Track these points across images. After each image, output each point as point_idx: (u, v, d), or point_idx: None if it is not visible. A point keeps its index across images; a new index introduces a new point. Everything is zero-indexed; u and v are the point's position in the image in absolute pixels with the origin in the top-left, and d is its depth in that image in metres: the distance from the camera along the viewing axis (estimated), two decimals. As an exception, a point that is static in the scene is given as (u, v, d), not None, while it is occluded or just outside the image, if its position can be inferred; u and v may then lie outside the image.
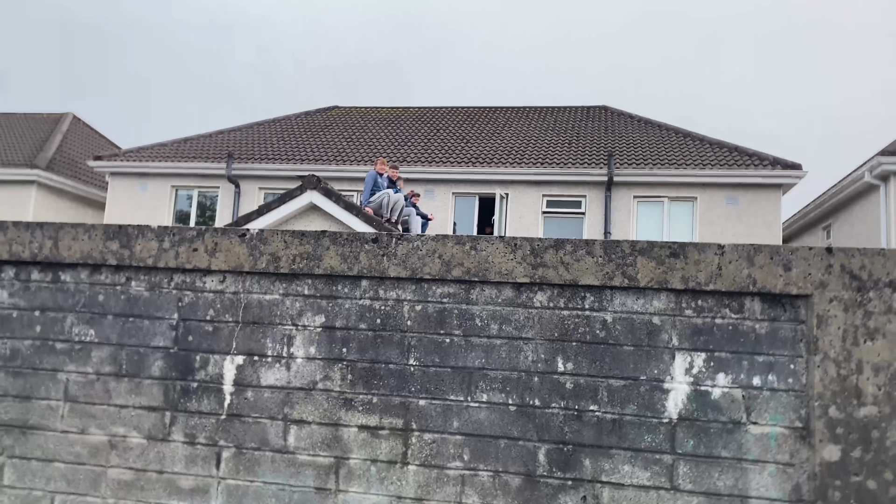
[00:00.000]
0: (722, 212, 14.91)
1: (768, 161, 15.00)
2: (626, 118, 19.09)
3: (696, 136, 16.99)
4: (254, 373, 2.38)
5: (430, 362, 2.31)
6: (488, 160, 16.39)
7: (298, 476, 2.30)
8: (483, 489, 2.20)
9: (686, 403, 2.14)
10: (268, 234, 2.44)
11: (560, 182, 15.77)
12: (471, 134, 18.42)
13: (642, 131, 17.81)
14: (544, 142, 17.46)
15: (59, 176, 18.88)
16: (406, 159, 16.63)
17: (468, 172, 16.07)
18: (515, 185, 15.93)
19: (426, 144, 17.84)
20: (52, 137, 20.48)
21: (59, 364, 2.51)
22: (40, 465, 2.47)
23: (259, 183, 17.13)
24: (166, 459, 2.39)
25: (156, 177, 17.57)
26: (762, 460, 2.08)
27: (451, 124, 19.42)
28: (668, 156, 15.81)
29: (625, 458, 2.15)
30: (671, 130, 17.67)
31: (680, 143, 16.62)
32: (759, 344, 2.13)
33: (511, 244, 2.30)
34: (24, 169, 18.22)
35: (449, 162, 16.45)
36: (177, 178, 17.51)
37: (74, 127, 22.41)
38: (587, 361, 2.22)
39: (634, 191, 15.47)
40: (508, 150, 17.01)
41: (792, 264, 2.12)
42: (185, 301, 2.47)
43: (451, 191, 16.40)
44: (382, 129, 19.33)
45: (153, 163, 17.43)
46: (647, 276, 2.19)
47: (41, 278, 2.58)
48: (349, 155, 17.36)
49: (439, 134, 18.65)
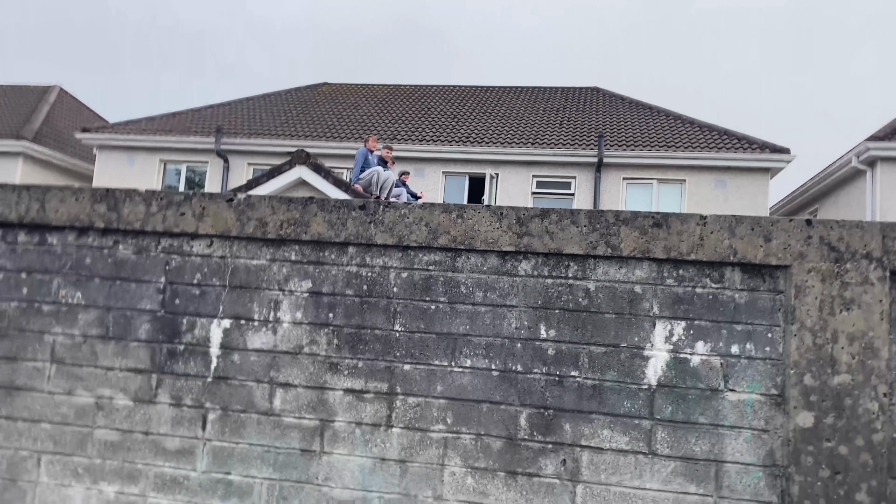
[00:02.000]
0: (710, 194, 14.98)
1: (757, 145, 15.06)
2: (617, 100, 19.08)
3: (686, 118, 17.02)
4: (240, 336, 2.40)
5: (416, 328, 2.33)
6: (479, 140, 16.36)
7: (284, 438, 2.33)
8: (465, 452, 2.25)
9: (665, 370, 2.19)
10: (255, 199, 2.45)
11: (550, 163, 15.77)
12: (462, 113, 18.37)
13: (633, 113, 17.81)
14: (535, 122, 17.44)
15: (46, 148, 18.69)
16: (396, 137, 16.57)
17: (459, 152, 16.04)
18: (506, 166, 15.92)
19: (417, 123, 17.78)
20: (38, 109, 20.24)
21: (45, 326, 2.53)
22: (27, 425, 2.49)
23: (248, 158, 17.03)
24: (152, 421, 2.42)
25: (144, 150, 17.42)
26: (738, 426, 2.13)
27: (441, 103, 19.35)
28: (657, 138, 15.84)
29: (604, 423, 2.20)
30: (661, 113, 17.69)
31: (670, 126, 16.65)
32: (738, 313, 2.18)
33: (497, 213, 2.32)
34: (10, 140, 18.02)
35: (439, 141, 16.41)
36: (165, 153, 17.38)
37: (61, 99, 22.14)
38: (569, 329, 2.26)
39: (624, 172, 15.50)
40: (499, 129, 16.99)
41: (772, 235, 2.16)
42: (172, 265, 2.48)
43: (441, 170, 16.37)
44: (372, 106, 19.22)
45: (141, 136, 17.27)
46: (630, 245, 2.23)
47: (28, 240, 2.58)
48: (339, 132, 17.27)
49: (430, 113, 18.58)
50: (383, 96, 20.17)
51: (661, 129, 16.41)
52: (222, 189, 16.49)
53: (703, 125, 16.53)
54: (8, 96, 21.39)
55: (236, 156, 16.99)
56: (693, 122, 16.79)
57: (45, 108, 20.44)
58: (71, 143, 19.88)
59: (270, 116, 18.45)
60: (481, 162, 16.02)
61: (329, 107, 19.18)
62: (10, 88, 22.22)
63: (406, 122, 17.84)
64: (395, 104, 19.40)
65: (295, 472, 2.31)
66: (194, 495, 2.35)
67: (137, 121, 18.23)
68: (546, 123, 17.33)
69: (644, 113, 17.80)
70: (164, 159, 17.45)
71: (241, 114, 18.69)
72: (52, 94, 21.70)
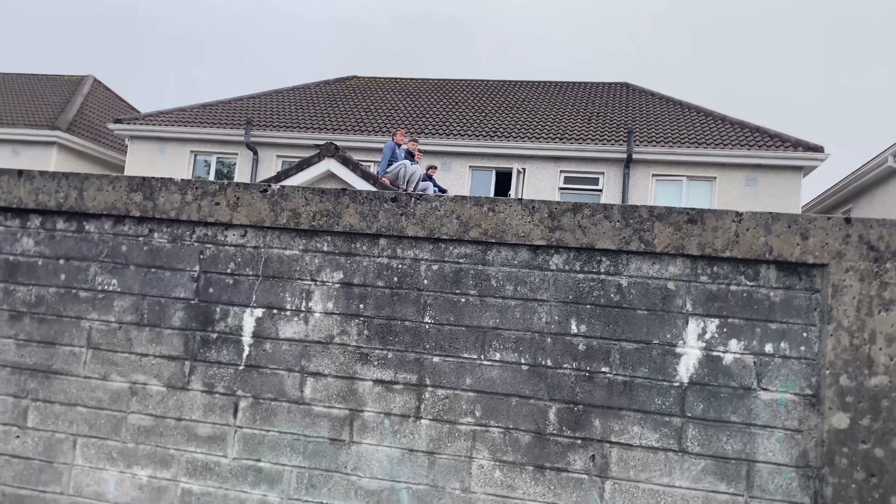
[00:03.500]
0: (740, 193, 14.78)
1: (790, 142, 14.83)
2: (647, 95, 18.89)
3: (718, 115, 16.80)
4: (272, 325, 2.43)
5: (445, 321, 2.34)
6: (506, 134, 16.31)
7: (314, 427, 2.35)
8: (494, 445, 2.25)
9: (697, 368, 2.17)
10: (289, 190, 2.47)
11: (578, 158, 15.68)
12: (489, 107, 18.32)
13: (663, 109, 17.63)
14: (563, 117, 17.33)
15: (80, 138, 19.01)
16: (423, 131, 16.58)
17: (486, 146, 16.00)
18: (533, 160, 15.86)
19: (444, 117, 17.77)
20: (73, 99, 20.58)
21: (82, 312, 2.57)
22: (63, 408, 2.54)
23: (277, 150, 17.17)
24: (185, 407, 2.45)
25: (175, 141, 17.64)
26: (771, 426, 2.10)
27: (469, 97, 19.31)
28: (688, 134, 15.66)
29: (634, 420, 2.18)
30: (692, 109, 17.48)
31: (701, 122, 16.45)
32: (773, 311, 2.15)
33: (529, 206, 2.31)
34: (45, 130, 18.36)
35: (466, 135, 16.39)
36: (195, 144, 17.58)
37: (95, 90, 22.50)
38: (601, 324, 2.25)
39: (653, 169, 15.36)
40: (527, 124, 16.91)
41: (809, 233, 2.12)
42: (206, 254, 2.51)
43: (468, 164, 16.36)
44: (400, 100, 19.25)
45: (172, 127, 17.49)
46: (663, 241, 2.21)
47: (66, 227, 2.63)
48: (367, 125, 17.33)
49: (458, 107, 18.56)
50: (411, 90, 20.18)
51: (692, 126, 16.22)
52: (251, 181, 16.64)
53: (734, 122, 16.31)
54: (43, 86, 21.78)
55: (265, 148, 17.14)
56: (724, 118, 16.57)
57: (78, 98, 20.79)
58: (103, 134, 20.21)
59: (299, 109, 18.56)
60: (508, 157, 15.98)
61: (357, 100, 19.25)
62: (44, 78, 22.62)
63: (433, 116, 17.84)
64: (422, 98, 19.41)
65: (324, 461, 2.34)
66: (225, 481, 2.39)
67: (168, 111, 18.46)
68: (574, 118, 17.22)
69: (674, 109, 17.60)
70: (194, 150, 17.65)
71: (270, 106, 18.84)
72: (86, 84, 22.05)
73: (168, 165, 17.42)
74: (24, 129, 18.47)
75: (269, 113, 18.27)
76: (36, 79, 22.50)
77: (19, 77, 22.63)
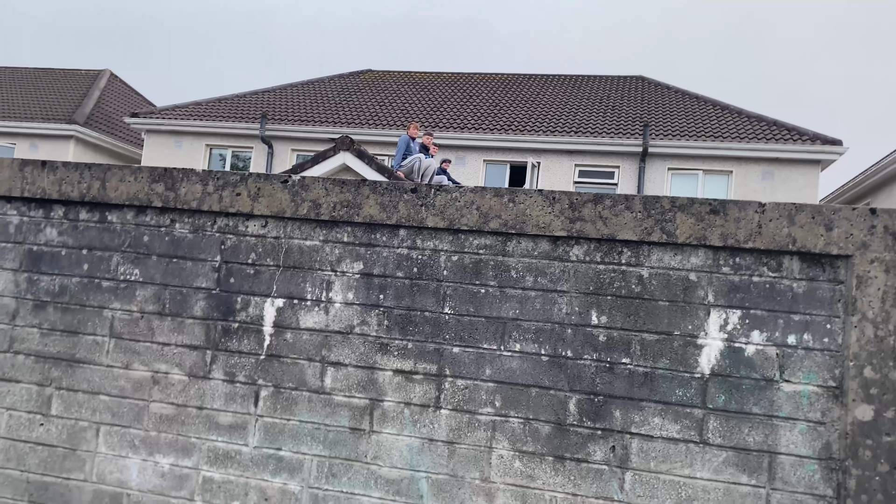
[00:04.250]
0: (757, 186, 14.67)
1: (808, 136, 14.68)
2: (662, 89, 18.77)
3: (734, 108, 16.66)
4: (293, 315, 2.44)
5: (465, 311, 2.34)
6: (521, 128, 16.26)
7: (334, 416, 2.37)
8: (513, 435, 2.25)
9: (719, 359, 2.16)
10: (309, 181, 2.48)
11: (593, 152, 15.61)
12: (504, 101, 18.27)
13: (679, 102, 17.51)
14: (579, 111, 17.26)
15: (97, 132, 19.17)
16: (438, 125, 16.57)
17: (500, 140, 15.97)
18: (548, 154, 15.81)
19: (459, 111, 17.74)
20: (90, 93, 20.75)
21: (104, 301, 2.60)
22: (86, 397, 2.57)
23: (292, 144, 17.22)
24: (206, 396, 2.47)
25: (190, 135, 17.74)
26: (793, 418, 2.09)
27: (484, 91, 19.27)
28: (704, 128, 15.54)
29: (655, 411, 2.18)
30: (708, 102, 17.35)
31: (717, 116, 16.32)
32: (796, 303, 2.13)
33: (549, 197, 2.31)
34: (63, 124, 18.53)
35: (481, 129, 16.36)
36: (211, 137, 17.67)
37: (112, 84, 22.66)
38: (621, 315, 2.24)
39: (669, 163, 15.27)
40: (542, 118, 16.86)
41: (834, 224, 2.11)
42: (227, 244, 2.53)
43: (483, 158, 16.33)
44: (415, 93, 19.24)
45: (188, 121, 17.58)
46: (685, 232, 2.19)
47: (89, 218, 2.66)
48: (381, 119, 17.34)
49: (472, 100, 18.53)
50: (426, 84, 20.16)
51: (708, 119, 16.10)
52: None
53: (751, 115, 16.17)
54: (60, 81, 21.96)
55: (280, 142, 17.19)
56: (741, 112, 16.43)
57: (95, 92, 20.94)
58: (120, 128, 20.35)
59: (314, 103, 18.60)
60: (523, 150, 15.94)
61: (372, 94, 19.26)
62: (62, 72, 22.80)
63: (448, 110, 17.82)
64: (437, 92, 19.39)
65: (344, 450, 2.35)
66: (246, 469, 2.41)
67: (184, 105, 18.55)
68: (589, 112, 17.14)
69: (691, 102, 17.48)
70: (209, 144, 17.74)
71: (285, 100, 18.89)
72: (103, 78, 22.21)
73: (184, 159, 17.52)
74: (42, 123, 18.64)
75: (283, 107, 18.33)
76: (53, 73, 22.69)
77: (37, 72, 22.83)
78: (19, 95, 20.60)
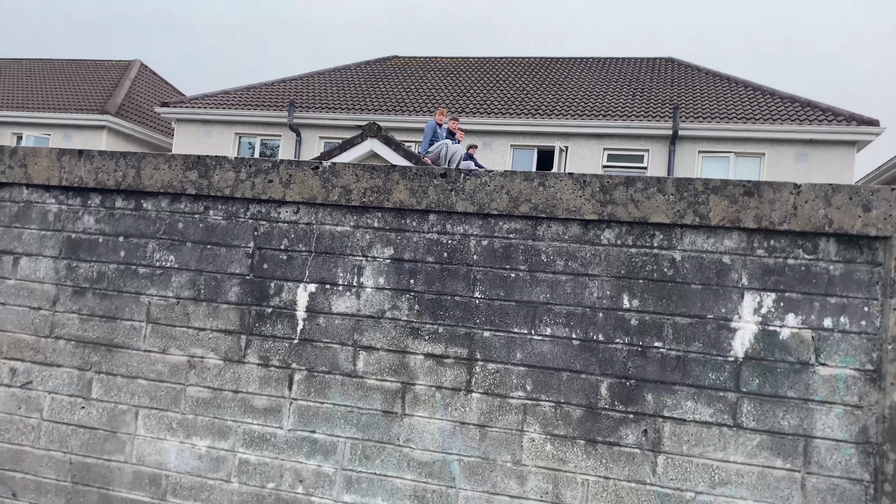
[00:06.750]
0: (790, 169, 14.40)
1: (843, 117, 14.36)
2: (692, 70, 18.47)
3: (767, 89, 16.34)
4: (325, 300, 2.47)
5: (495, 296, 2.35)
6: (548, 112, 16.14)
7: (366, 399, 2.39)
8: (545, 419, 2.26)
9: (753, 343, 2.14)
10: (340, 167, 2.49)
11: (622, 135, 15.44)
12: (531, 85, 18.13)
13: (709, 84, 17.22)
14: (607, 94, 17.07)
15: (128, 122, 19.44)
16: (465, 110, 16.52)
17: (527, 124, 15.87)
18: (576, 138, 15.68)
19: (485, 95, 17.66)
20: (121, 84, 21.03)
21: (141, 287, 2.65)
22: (125, 381, 2.63)
23: (319, 132, 17.29)
24: (241, 380, 2.52)
25: (220, 124, 17.91)
26: (829, 401, 2.07)
27: (511, 75, 19.14)
28: (735, 110, 15.28)
29: (688, 395, 2.17)
30: (740, 84, 17.04)
31: (749, 97, 16.03)
32: (833, 285, 2.10)
33: (580, 181, 2.30)
34: (95, 115, 18.82)
35: (508, 113, 16.27)
36: (240, 126, 17.82)
37: (142, 74, 22.94)
38: (653, 299, 2.23)
39: (699, 145, 15.04)
40: (569, 101, 16.71)
41: (872, 205, 2.07)
42: (260, 230, 2.56)
43: (510, 143, 16.25)
44: (441, 79, 19.18)
45: (217, 110, 17.74)
46: (719, 214, 2.17)
47: (124, 206, 2.71)
48: (408, 105, 17.33)
49: (499, 85, 18.42)
50: (452, 69, 20.08)
51: (740, 101, 15.82)
52: (294, 162, 16.78)
53: (784, 96, 15.85)
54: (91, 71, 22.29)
55: (308, 129, 17.28)
56: (774, 93, 16.11)
57: (126, 82, 21.23)
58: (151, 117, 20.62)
59: (341, 90, 18.64)
60: (550, 135, 15.82)
61: (398, 80, 19.24)
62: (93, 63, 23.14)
63: (474, 95, 17.75)
64: (463, 77, 19.31)
65: (377, 433, 2.38)
66: (280, 452, 2.45)
67: (213, 94, 18.71)
68: (618, 95, 16.94)
69: (721, 84, 17.18)
70: (238, 132, 17.90)
71: (312, 88, 18.95)
72: (133, 69, 22.49)
73: (214, 148, 17.70)
74: (75, 113, 18.96)
75: (311, 94, 18.40)
76: (85, 64, 23.03)
77: (69, 63, 23.20)
78: (53, 87, 20.97)
